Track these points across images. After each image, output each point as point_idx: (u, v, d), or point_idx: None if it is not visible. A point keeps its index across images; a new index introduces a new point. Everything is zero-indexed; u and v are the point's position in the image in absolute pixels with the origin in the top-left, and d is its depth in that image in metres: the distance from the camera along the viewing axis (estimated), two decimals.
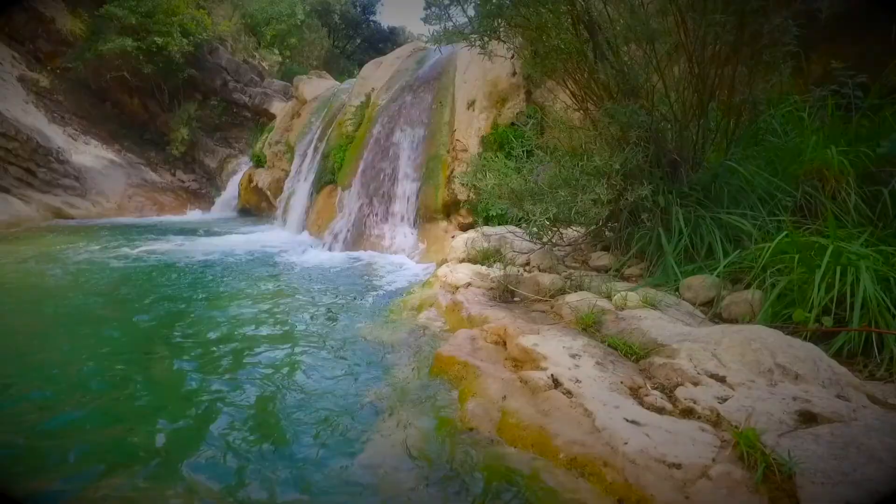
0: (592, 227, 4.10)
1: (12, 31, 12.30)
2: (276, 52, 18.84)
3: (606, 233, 3.99)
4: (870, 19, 4.10)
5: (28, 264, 5.67)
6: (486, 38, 2.99)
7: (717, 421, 1.64)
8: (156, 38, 12.08)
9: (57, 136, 11.43)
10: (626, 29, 2.68)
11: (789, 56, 3.02)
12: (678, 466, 1.49)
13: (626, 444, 1.62)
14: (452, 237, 6.00)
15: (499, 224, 5.68)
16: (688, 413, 1.72)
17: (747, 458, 1.43)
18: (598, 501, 1.54)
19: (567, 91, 3.70)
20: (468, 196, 6.49)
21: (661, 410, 1.77)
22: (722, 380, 1.81)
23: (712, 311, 2.76)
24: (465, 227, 6.37)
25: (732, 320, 2.62)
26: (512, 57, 5.37)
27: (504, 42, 3.09)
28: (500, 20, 2.90)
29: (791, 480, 1.29)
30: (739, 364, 1.82)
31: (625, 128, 2.80)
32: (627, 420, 1.73)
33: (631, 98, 3.25)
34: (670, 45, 2.85)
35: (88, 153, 11.98)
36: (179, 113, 13.86)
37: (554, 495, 1.60)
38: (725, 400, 1.70)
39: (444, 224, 6.67)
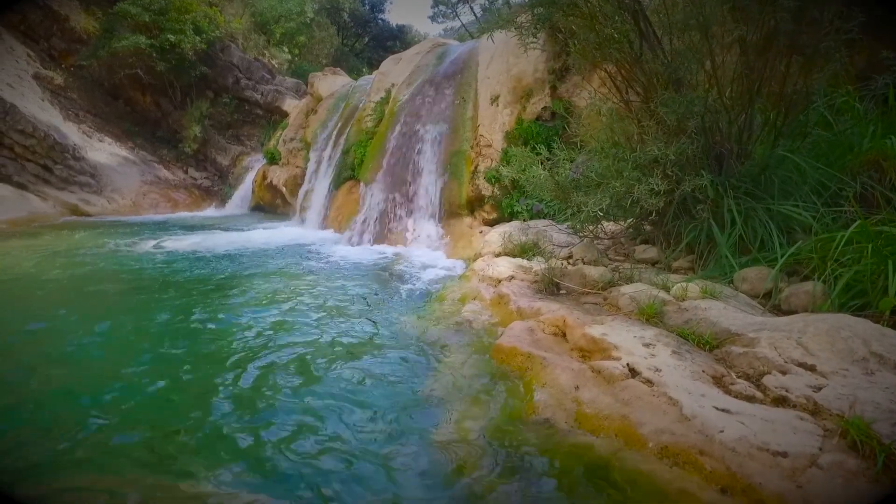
0: (631, 220, 4.06)
1: (27, 29, 12.34)
2: (286, 50, 18.84)
3: (646, 226, 3.95)
4: None
5: (56, 259, 5.66)
6: (537, 27, 2.96)
7: (815, 410, 1.61)
8: (169, 36, 12.09)
9: (72, 133, 11.45)
10: (686, 16, 2.64)
11: (845, 45, 2.97)
12: (784, 455, 1.45)
13: (721, 432, 1.58)
14: (480, 232, 5.97)
15: (521, 220, 5.64)
16: (780, 401, 1.69)
17: (861, 447, 1.39)
18: (699, 490, 1.50)
19: (609, 82, 3.66)
20: (492, 192, 6.45)
21: (750, 399, 1.73)
22: (811, 368, 1.77)
23: (770, 302, 2.72)
24: (489, 223, 6.34)
25: (792, 312, 2.58)
26: (564, 46, 5.31)
27: (557, 33, 3.05)
28: (552, 8, 2.87)
29: None
30: (829, 352, 1.79)
31: (681, 118, 2.76)
32: (717, 408, 1.69)
33: (678, 88, 3.21)
34: (726, 34, 2.80)
35: (103, 150, 11.99)
36: (192, 111, 13.87)
37: (652, 484, 1.56)
38: (820, 389, 1.67)
39: (468, 220, 6.63)
